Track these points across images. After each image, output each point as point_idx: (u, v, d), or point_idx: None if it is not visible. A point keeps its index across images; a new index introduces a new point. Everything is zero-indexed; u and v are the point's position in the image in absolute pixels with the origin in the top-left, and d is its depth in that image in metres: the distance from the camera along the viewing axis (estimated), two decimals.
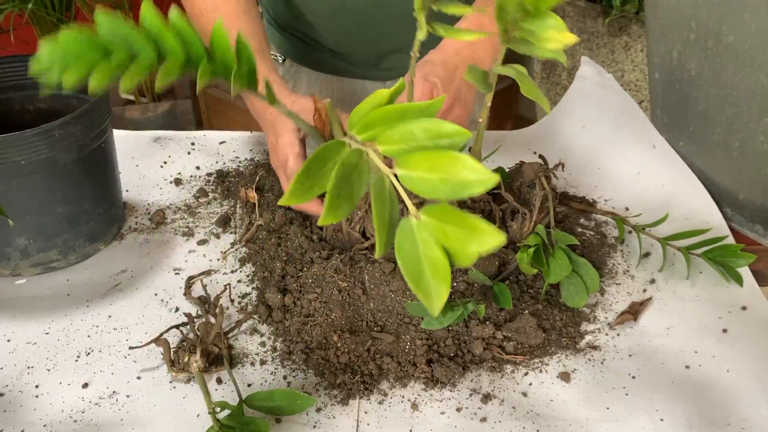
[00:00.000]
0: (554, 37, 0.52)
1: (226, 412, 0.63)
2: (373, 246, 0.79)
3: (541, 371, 0.70)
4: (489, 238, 0.36)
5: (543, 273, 0.76)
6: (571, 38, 0.51)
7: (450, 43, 0.85)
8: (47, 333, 0.75)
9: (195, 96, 2.50)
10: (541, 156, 0.89)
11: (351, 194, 0.42)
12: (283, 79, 0.86)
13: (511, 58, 0.60)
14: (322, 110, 0.65)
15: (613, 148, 1.01)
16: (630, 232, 0.88)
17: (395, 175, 0.42)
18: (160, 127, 2.32)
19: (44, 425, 0.65)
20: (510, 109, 2.51)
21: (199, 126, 2.49)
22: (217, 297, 0.78)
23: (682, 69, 0.87)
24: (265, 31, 0.91)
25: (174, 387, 0.69)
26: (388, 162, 0.44)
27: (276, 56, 1.15)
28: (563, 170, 0.91)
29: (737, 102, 0.80)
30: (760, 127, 0.81)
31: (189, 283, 0.81)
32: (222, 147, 1.07)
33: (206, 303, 0.78)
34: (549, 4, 0.51)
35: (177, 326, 0.74)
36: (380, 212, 0.41)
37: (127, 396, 0.68)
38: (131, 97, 2.39)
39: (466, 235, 0.37)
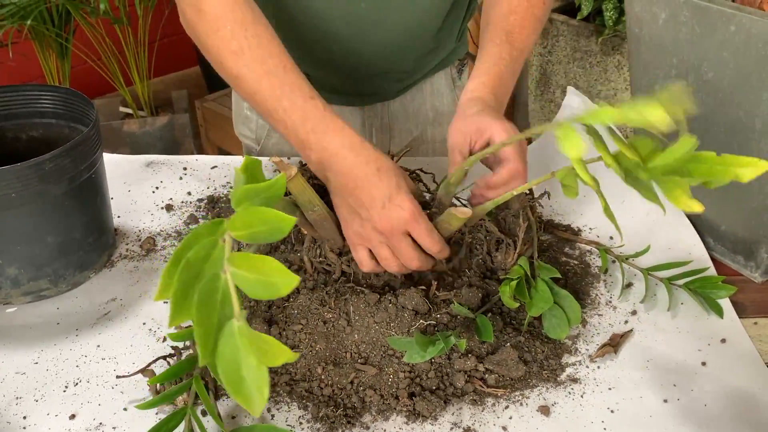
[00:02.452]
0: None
1: None
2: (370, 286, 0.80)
3: (521, 404, 0.71)
4: (281, 355, 0.42)
5: (525, 305, 0.77)
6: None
7: (484, 79, 0.79)
8: (36, 363, 0.76)
9: (193, 109, 2.51)
10: None
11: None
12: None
13: None
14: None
15: (598, 176, 1.02)
16: (613, 261, 0.89)
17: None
18: (158, 141, 2.33)
19: None
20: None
21: (197, 139, 2.50)
22: None
23: None
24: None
25: (160, 419, 0.70)
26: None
27: None
28: (549, 198, 0.92)
29: (718, 137, 0.82)
30: None
31: None
32: (213, 172, 1.08)
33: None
34: None
35: (164, 357, 0.75)
36: (205, 317, 0.43)
37: (114, 428, 0.69)
38: (129, 111, 2.40)
39: (270, 347, 0.42)
